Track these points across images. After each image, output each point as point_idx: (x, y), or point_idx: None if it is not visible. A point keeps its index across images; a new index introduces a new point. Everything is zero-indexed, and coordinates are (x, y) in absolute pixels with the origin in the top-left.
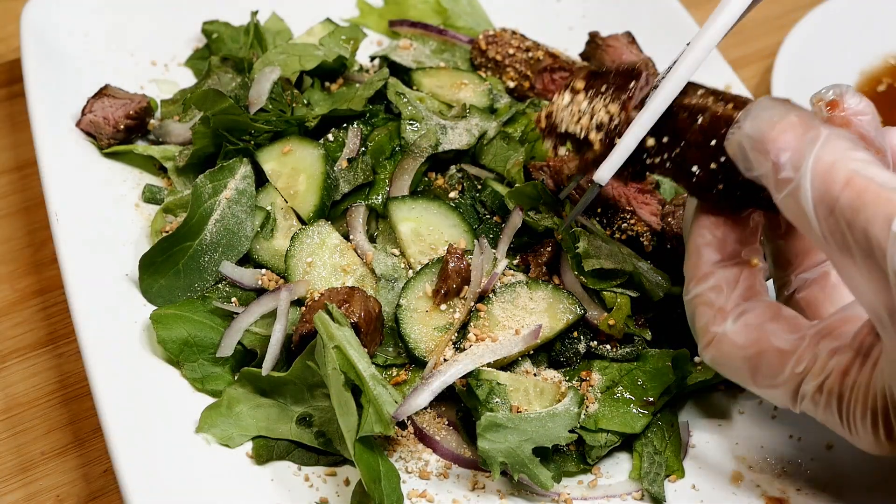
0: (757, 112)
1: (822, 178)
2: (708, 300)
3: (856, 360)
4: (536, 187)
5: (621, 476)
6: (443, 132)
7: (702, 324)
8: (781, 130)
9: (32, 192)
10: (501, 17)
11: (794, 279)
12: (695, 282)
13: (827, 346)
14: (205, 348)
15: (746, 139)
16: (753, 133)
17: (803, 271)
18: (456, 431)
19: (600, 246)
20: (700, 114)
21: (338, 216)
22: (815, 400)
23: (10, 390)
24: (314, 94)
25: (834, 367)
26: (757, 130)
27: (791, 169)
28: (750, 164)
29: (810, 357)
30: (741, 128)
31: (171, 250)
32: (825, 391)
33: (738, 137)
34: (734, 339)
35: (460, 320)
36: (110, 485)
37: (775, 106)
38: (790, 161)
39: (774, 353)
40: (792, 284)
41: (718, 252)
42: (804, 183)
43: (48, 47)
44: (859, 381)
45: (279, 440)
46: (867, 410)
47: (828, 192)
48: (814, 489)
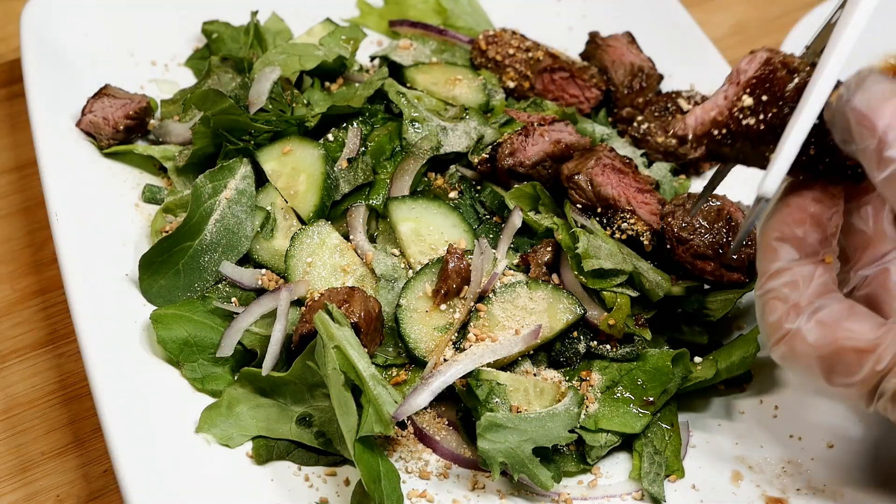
0: (869, 85)
1: None
2: (782, 295)
3: None
4: (536, 187)
5: (621, 476)
6: (443, 134)
7: (773, 319)
8: (892, 107)
9: (32, 192)
10: (501, 17)
11: (852, 275)
12: (768, 277)
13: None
14: (205, 348)
15: (852, 111)
16: (861, 106)
17: (862, 267)
18: (456, 431)
19: (600, 246)
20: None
21: (338, 216)
22: (894, 400)
23: (10, 390)
24: (314, 94)
25: None
26: (866, 104)
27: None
28: (850, 137)
29: (893, 354)
30: (848, 99)
31: (171, 250)
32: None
33: (842, 107)
34: (808, 336)
35: (460, 320)
36: (110, 485)
37: (886, 81)
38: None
39: (852, 351)
40: (851, 281)
41: (798, 250)
42: None
43: (48, 47)
44: None
45: (279, 440)
46: None
47: None
48: (814, 489)
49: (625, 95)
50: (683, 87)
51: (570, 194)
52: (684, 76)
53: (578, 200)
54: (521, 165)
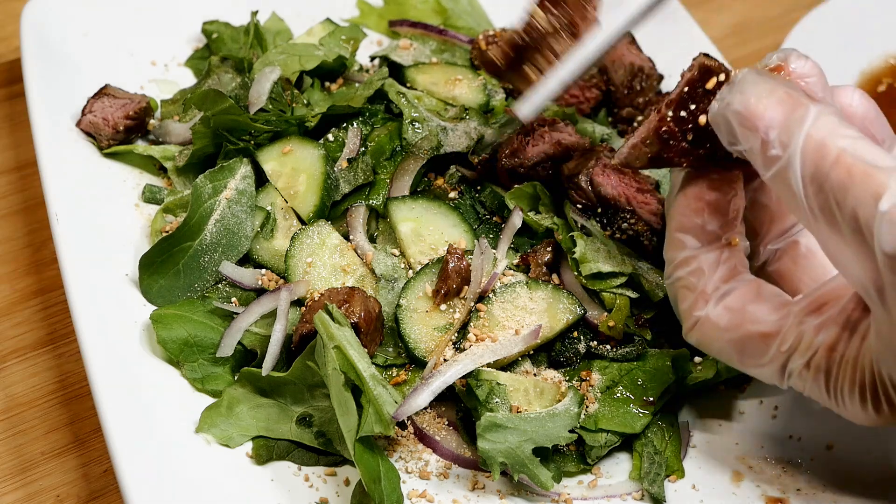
0: (744, 87)
1: (812, 157)
2: (690, 284)
3: (842, 335)
4: (536, 187)
5: (621, 476)
6: (443, 134)
7: (684, 307)
8: (769, 107)
9: (32, 192)
10: (501, 17)
11: (762, 250)
12: (674, 266)
13: (812, 323)
14: (205, 348)
15: (733, 114)
16: (741, 108)
17: (771, 241)
18: (456, 431)
19: (599, 248)
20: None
21: (338, 216)
22: (802, 376)
23: (10, 390)
24: (314, 94)
25: (820, 344)
26: (744, 105)
27: (780, 146)
28: (735, 139)
29: (795, 335)
30: (728, 102)
31: (171, 250)
32: (812, 367)
33: (723, 111)
34: (717, 321)
35: (460, 320)
36: (110, 485)
37: (763, 81)
38: (778, 138)
39: (758, 335)
40: (761, 255)
41: (699, 239)
42: (794, 161)
43: (48, 47)
44: (847, 357)
45: (279, 440)
46: (855, 385)
47: (818, 170)
48: (814, 489)
49: (625, 95)
50: None
51: (570, 194)
52: None
53: (578, 200)
54: (522, 166)
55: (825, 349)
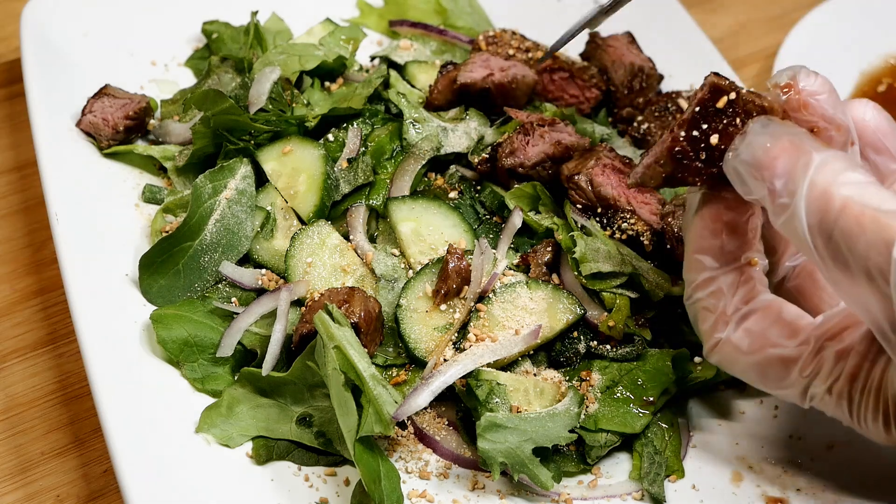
0: (751, 138)
1: (817, 205)
2: (709, 305)
3: (864, 364)
4: (536, 187)
5: (621, 476)
6: (443, 134)
7: (705, 328)
8: (775, 156)
9: (32, 192)
10: (501, 17)
11: (781, 267)
12: (694, 287)
13: (832, 350)
14: (205, 348)
15: (742, 164)
16: (749, 159)
17: (789, 257)
18: (456, 431)
19: (599, 248)
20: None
21: (338, 216)
22: (824, 401)
23: (10, 390)
24: (314, 94)
25: (842, 372)
26: (752, 156)
27: (787, 195)
28: (749, 190)
29: (816, 362)
30: (738, 153)
31: (171, 250)
32: (834, 394)
33: (733, 162)
34: (738, 344)
35: (460, 320)
36: (110, 485)
37: (769, 129)
38: (785, 187)
39: (778, 359)
40: (780, 272)
41: (717, 260)
42: (799, 211)
43: (48, 47)
44: (869, 385)
45: (279, 440)
46: (878, 413)
47: (824, 218)
48: (814, 489)
49: (625, 95)
50: (683, 87)
51: (570, 194)
52: (684, 76)
53: (578, 200)
54: (522, 166)
55: (846, 378)
